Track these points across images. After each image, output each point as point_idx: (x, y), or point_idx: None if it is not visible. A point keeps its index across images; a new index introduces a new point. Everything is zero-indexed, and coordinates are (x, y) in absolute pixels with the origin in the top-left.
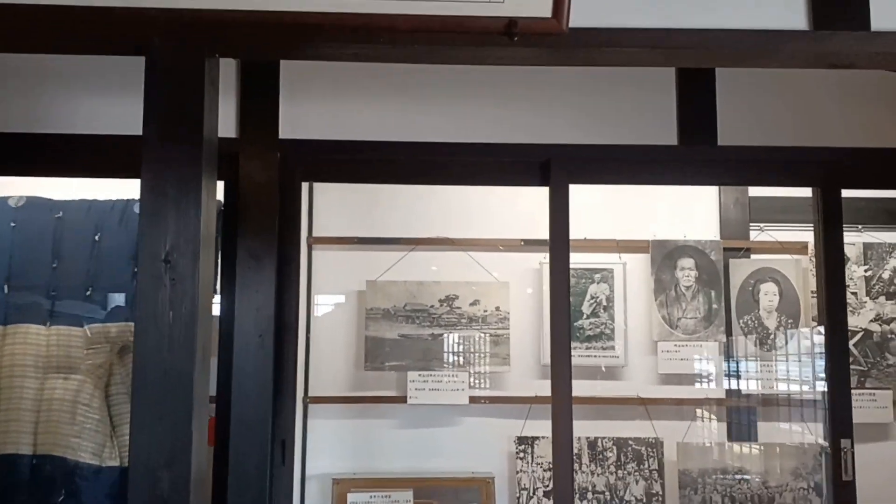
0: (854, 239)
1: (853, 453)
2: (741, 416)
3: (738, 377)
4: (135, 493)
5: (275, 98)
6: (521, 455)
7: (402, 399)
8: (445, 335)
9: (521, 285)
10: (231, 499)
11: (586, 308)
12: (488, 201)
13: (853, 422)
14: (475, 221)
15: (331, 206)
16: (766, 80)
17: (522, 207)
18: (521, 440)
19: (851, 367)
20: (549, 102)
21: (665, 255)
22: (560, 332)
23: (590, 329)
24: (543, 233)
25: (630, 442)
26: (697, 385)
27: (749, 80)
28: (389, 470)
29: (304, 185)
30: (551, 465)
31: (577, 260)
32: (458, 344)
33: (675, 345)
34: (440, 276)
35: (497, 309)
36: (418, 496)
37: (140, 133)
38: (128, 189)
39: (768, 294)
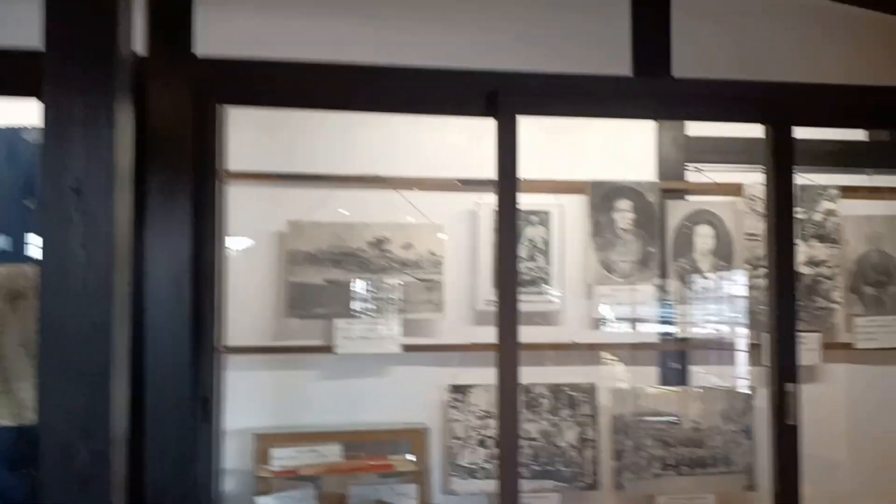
0: None
1: (797, 397)
2: (674, 359)
3: (672, 321)
4: (48, 466)
5: (188, 10)
6: (455, 404)
7: (329, 349)
8: (376, 280)
9: (457, 227)
10: (149, 463)
11: (523, 252)
12: (421, 137)
13: None
14: (407, 159)
15: (247, 136)
16: (722, 11)
17: (458, 144)
18: (455, 389)
19: None
20: (497, 27)
21: (603, 196)
22: (507, 276)
23: (526, 273)
24: (479, 171)
25: (565, 388)
26: (633, 329)
27: (705, 10)
28: (316, 424)
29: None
30: (485, 414)
31: None
32: (390, 290)
33: (612, 289)
34: (369, 216)
35: (431, 253)
36: (347, 450)
37: (37, 47)
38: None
39: (704, 236)
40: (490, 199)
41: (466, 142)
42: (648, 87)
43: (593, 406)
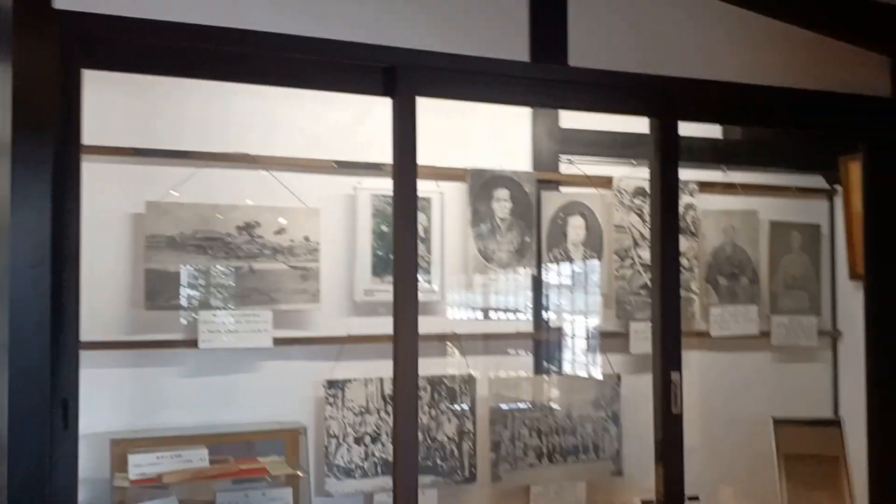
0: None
1: (682, 386)
2: (550, 348)
3: (547, 310)
4: None
5: None
6: (332, 400)
7: (193, 343)
8: (245, 268)
9: (333, 213)
10: (7, 472)
11: None
12: (297, 115)
13: (643, 352)
14: (281, 137)
15: (102, 106)
16: (618, 1)
17: (337, 124)
18: (332, 384)
19: (645, 299)
20: (396, 1)
21: (482, 184)
22: (407, 265)
23: None
24: (357, 154)
25: (444, 380)
26: (511, 318)
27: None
28: (179, 426)
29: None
30: (363, 410)
31: (392, 187)
32: (261, 278)
33: (491, 278)
34: (239, 199)
35: (306, 239)
36: (215, 454)
37: None
38: None
39: (576, 227)
40: (370, 184)
41: (347, 122)
42: (544, 74)
43: (472, 397)
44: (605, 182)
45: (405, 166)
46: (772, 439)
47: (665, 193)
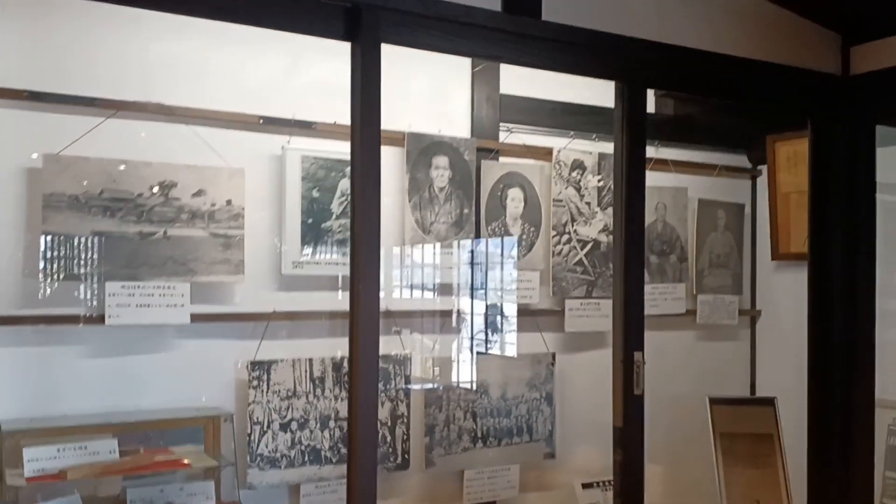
0: (590, 147)
1: (644, 367)
2: (486, 326)
3: (485, 286)
4: None
5: None
6: (255, 384)
7: (99, 319)
8: (159, 234)
9: (259, 174)
10: None
11: (336, 206)
12: (221, 65)
13: (577, 330)
14: (202, 88)
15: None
16: None
17: (265, 77)
18: (256, 365)
19: (581, 276)
20: None
21: (421, 150)
22: (368, 230)
23: (339, 232)
24: (287, 110)
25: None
26: (448, 295)
27: None
28: (82, 413)
29: None
30: (290, 394)
31: (326, 148)
32: (177, 246)
33: (429, 251)
34: (153, 155)
35: (228, 203)
36: (124, 444)
37: None
38: None
39: (515, 200)
40: (300, 144)
41: (278, 75)
42: (516, 27)
43: (406, 378)
44: (545, 154)
45: (368, 121)
46: (708, 418)
47: (632, 166)
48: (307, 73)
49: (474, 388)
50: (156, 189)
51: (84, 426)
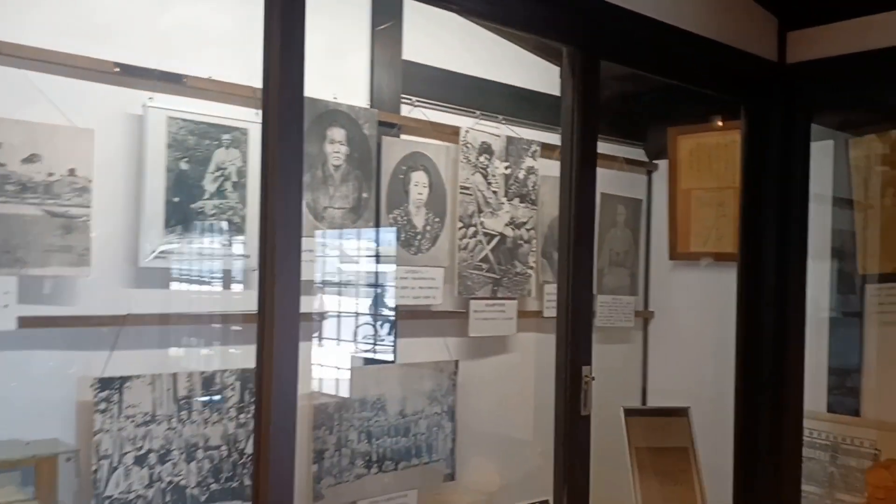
0: (496, 130)
1: (592, 383)
2: (383, 331)
3: (383, 287)
4: None
5: None
6: (104, 406)
7: None
8: None
9: (112, 138)
10: None
11: (209, 183)
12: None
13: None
14: (39, 22)
15: None
16: None
17: (125, 14)
18: (104, 383)
19: (486, 274)
20: None
21: (314, 119)
22: (288, 215)
23: (213, 214)
24: (151, 58)
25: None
26: (343, 296)
27: None
28: None
29: None
30: (148, 418)
31: (198, 109)
32: (0, 227)
33: (320, 243)
34: None
35: (71, 172)
36: None
37: None
38: None
39: (419, 185)
40: (166, 102)
41: (142, 13)
42: None
43: None
44: (451, 133)
45: (289, 81)
46: (623, 431)
47: (584, 152)
48: (176, 11)
49: (371, 403)
50: None
51: None
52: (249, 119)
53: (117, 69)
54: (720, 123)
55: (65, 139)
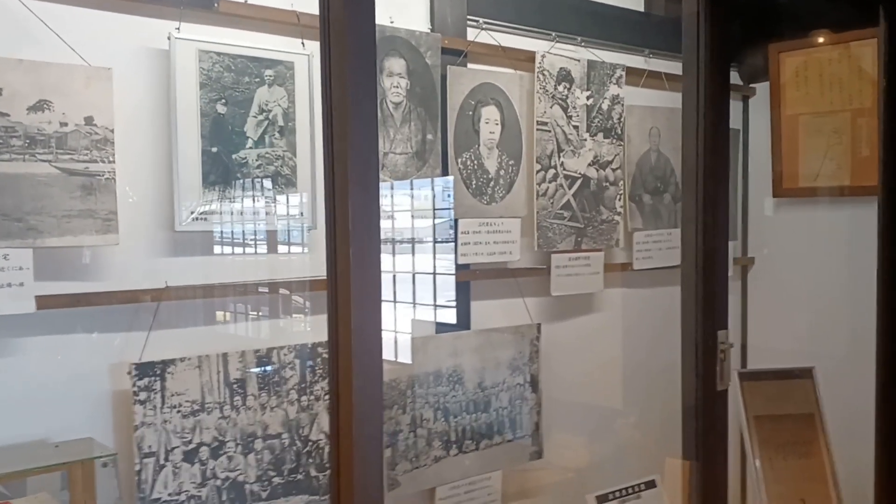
0: (576, 54)
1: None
2: (458, 296)
3: (453, 243)
4: None
5: None
6: (144, 396)
7: None
8: None
9: (134, 79)
10: None
11: (252, 128)
12: None
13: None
14: None
15: None
16: None
17: None
18: (144, 369)
19: (569, 224)
20: None
21: None
22: (363, 164)
23: (258, 165)
24: None
25: (319, 349)
26: (408, 254)
27: None
28: None
29: None
30: (195, 407)
31: (233, 41)
32: (7, 191)
33: (383, 194)
34: None
35: (88, 121)
36: None
37: None
38: None
39: (489, 122)
40: (196, 32)
41: None
42: None
43: None
44: (526, 59)
45: (358, 7)
46: (738, 398)
47: (716, 78)
48: None
49: (447, 377)
50: None
51: None
52: (295, 50)
53: None
54: (830, 38)
55: (79, 81)
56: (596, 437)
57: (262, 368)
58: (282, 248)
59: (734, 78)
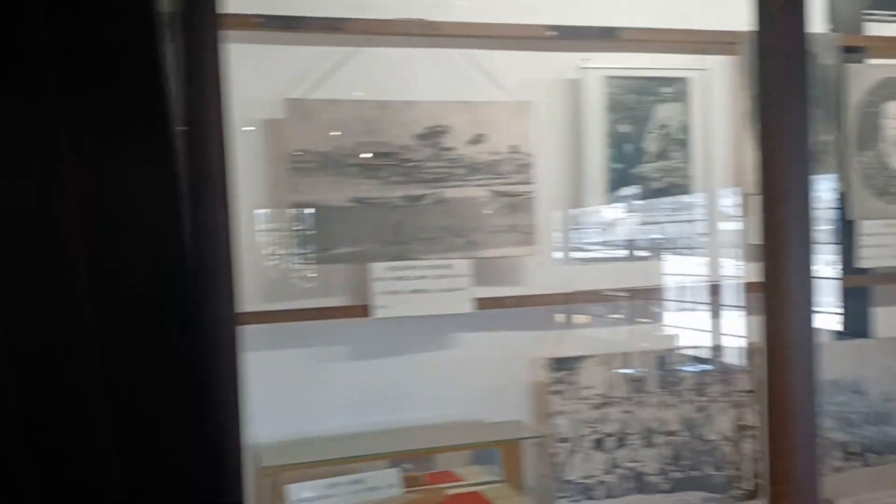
0: None
1: None
2: (855, 302)
3: (851, 245)
4: None
5: None
6: (559, 388)
7: (360, 311)
8: (430, 198)
9: (547, 108)
10: None
11: (651, 143)
12: None
13: None
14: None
15: None
16: None
17: None
18: (559, 363)
19: None
20: None
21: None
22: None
23: (656, 179)
24: (581, 17)
25: (715, 353)
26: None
27: None
28: (344, 432)
29: None
30: (603, 401)
31: (631, 64)
32: (451, 212)
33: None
34: (416, 91)
35: (513, 149)
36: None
37: None
38: None
39: (894, 118)
40: (602, 60)
41: None
42: None
43: (753, 378)
44: None
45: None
46: None
47: None
48: None
49: (845, 385)
50: (423, 138)
51: (354, 457)
52: (687, 66)
53: (551, 32)
54: None
55: (504, 115)
56: None
57: (660, 369)
58: (683, 253)
59: None
